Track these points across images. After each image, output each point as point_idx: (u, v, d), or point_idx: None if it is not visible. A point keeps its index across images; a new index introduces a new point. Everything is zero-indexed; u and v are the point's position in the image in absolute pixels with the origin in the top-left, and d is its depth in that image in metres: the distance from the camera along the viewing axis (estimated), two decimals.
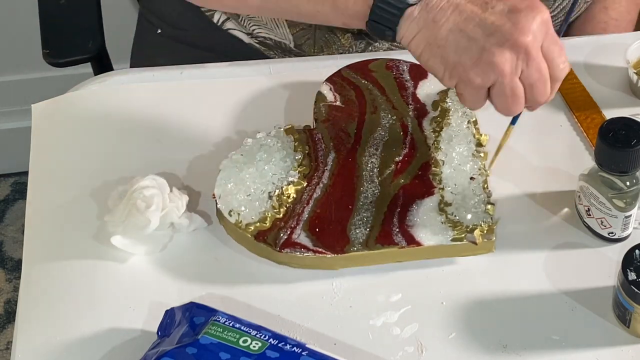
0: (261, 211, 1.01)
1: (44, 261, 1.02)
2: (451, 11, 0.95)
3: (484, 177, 1.03)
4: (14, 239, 2.09)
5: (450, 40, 0.95)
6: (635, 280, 0.92)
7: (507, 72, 0.94)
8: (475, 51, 0.94)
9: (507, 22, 0.94)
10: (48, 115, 1.15)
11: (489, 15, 0.94)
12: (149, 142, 1.11)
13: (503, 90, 0.95)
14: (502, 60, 0.93)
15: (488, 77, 0.94)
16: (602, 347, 0.94)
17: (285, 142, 1.06)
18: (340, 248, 0.98)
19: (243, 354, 0.87)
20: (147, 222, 0.99)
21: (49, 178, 1.09)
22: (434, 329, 0.96)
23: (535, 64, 0.94)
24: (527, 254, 1.01)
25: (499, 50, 0.93)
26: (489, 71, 0.94)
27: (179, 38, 1.31)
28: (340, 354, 0.91)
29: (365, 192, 1.03)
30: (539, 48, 0.94)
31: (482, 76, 0.94)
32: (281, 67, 1.19)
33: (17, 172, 2.19)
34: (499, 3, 0.95)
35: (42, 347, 0.95)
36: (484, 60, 0.94)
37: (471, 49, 0.94)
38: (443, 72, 0.96)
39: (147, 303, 0.98)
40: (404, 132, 1.08)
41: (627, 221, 1.00)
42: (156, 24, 1.34)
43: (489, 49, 0.93)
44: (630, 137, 0.96)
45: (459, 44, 0.94)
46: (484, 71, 0.94)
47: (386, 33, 0.98)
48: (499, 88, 0.95)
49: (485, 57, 0.94)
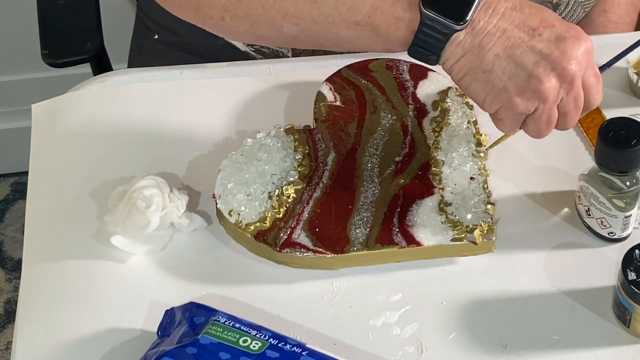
0: (261, 211, 1.01)
1: (44, 261, 1.02)
2: (498, 36, 0.94)
3: (483, 177, 1.03)
4: (14, 239, 2.09)
5: (497, 65, 0.94)
6: (635, 280, 0.92)
7: (551, 100, 0.95)
8: (522, 78, 0.94)
9: (555, 50, 0.93)
10: (48, 115, 1.15)
11: (536, 43, 0.94)
12: (149, 142, 1.11)
13: (540, 117, 0.96)
14: (549, 88, 0.94)
15: (532, 104, 0.95)
16: (602, 347, 0.94)
17: (285, 142, 1.06)
18: (340, 248, 0.98)
19: (243, 354, 0.87)
20: (147, 222, 0.99)
21: (49, 178, 1.09)
22: (434, 329, 0.96)
23: (574, 94, 0.95)
24: (527, 254, 1.01)
25: (547, 78, 0.93)
26: (534, 98, 0.94)
27: (175, 44, 1.31)
28: (340, 354, 0.91)
29: (365, 192, 1.03)
30: (581, 77, 0.95)
31: (527, 103, 0.95)
32: (281, 67, 1.19)
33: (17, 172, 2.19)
34: (546, 30, 0.94)
35: (42, 347, 0.95)
36: (531, 87, 0.94)
37: (518, 75, 0.94)
38: (484, 97, 0.96)
39: (147, 303, 0.98)
40: (404, 132, 1.08)
41: (627, 221, 1.00)
42: (153, 29, 1.34)
43: (537, 76, 0.93)
44: (630, 137, 0.96)
45: (505, 70, 0.94)
46: (529, 98, 0.94)
47: (430, 58, 0.96)
48: (537, 115, 0.96)
49: (533, 84, 0.94)
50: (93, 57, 1.39)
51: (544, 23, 0.94)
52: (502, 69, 0.94)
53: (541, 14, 0.95)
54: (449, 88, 1.11)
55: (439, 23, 0.93)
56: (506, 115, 0.97)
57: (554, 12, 0.98)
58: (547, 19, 0.95)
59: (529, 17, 0.95)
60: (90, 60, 1.39)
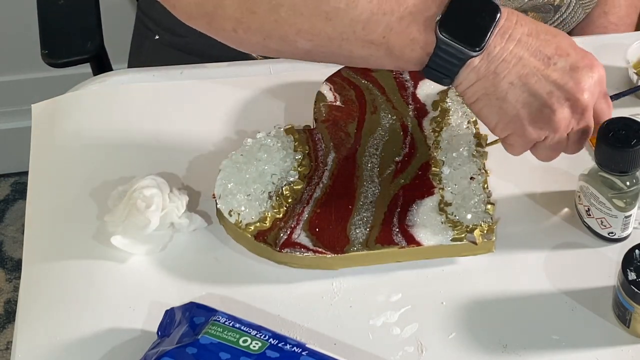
0: (261, 211, 1.01)
1: (44, 261, 1.02)
2: (514, 64, 0.93)
3: (484, 177, 1.03)
4: (14, 239, 2.09)
5: (511, 93, 0.94)
6: (635, 280, 0.92)
7: (562, 130, 0.96)
8: (535, 106, 0.94)
9: (569, 81, 0.94)
10: (48, 115, 1.15)
11: (551, 72, 0.94)
12: (149, 142, 1.11)
13: (550, 144, 0.97)
14: (561, 119, 0.94)
15: (544, 132, 0.96)
16: (602, 347, 0.94)
17: (285, 142, 1.06)
18: (340, 248, 0.98)
19: (243, 354, 0.87)
20: (147, 222, 0.99)
21: (49, 178, 1.09)
22: (434, 329, 0.96)
23: (584, 123, 0.96)
24: (527, 254, 1.01)
25: (560, 109, 0.94)
26: (546, 127, 0.95)
27: (176, 45, 1.31)
28: (340, 354, 0.91)
29: (365, 192, 1.03)
30: (592, 107, 0.96)
31: (539, 132, 0.96)
32: (281, 67, 1.19)
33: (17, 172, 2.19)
34: (561, 59, 0.94)
35: (42, 347, 0.95)
36: (544, 116, 0.94)
37: (532, 104, 0.94)
38: (496, 122, 0.96)
39: (147, 303, 0.98)
40: (404, 132, 1.08)
41: (627, 221, 1.00)
42: (153, 30, 1.34)
43: (550, 106, 0.94)
44: (630, 137, 0.96)
45: (519, 98, 0.94)
46: (541, 127, 0.95)
47: (444, 81, 0.95)
48: (547, 142, 0.97)
49: (546, 113, 0.94)
50: (93, 57, 1.39)
51: (559, 51, 0.94)
52: (516, 97, 0.94)
53: (556, 41, 0.95)
54: (448, 88, 1.11)
55: (454, 48, 0.92)
56: (516, 142, 0.98)
57: (564, 34, 0.98)
58: (562, 46, 0.95)
59: (545, 45, 0.94)
60: (90, 60, 1.39)
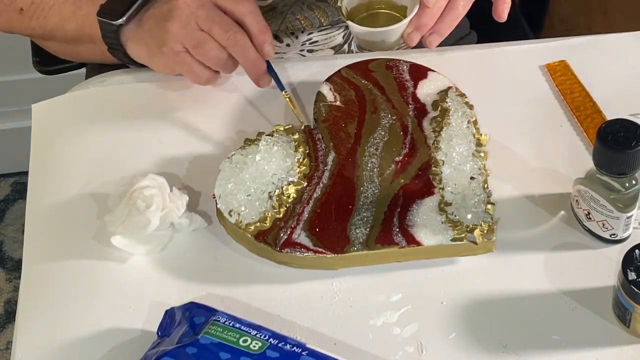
0: (261, 211, 1.01)
1: (44, 261, 1.02)
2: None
3: (484, 176, 1.03)
4: (14, 239, 2.09)
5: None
6: (635, 280, 0.92)
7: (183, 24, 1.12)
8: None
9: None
10: (48, 115, 1.15)
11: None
12: (149, 142, 1.11)
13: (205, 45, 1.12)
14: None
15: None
16: (602, 347, 0.94)
17: (285, 142, 1.06)
18: (341, 248, 0.98)
19: (243, 353, 0.87)
20: (147, 222, 0.99)
21: (49, 178, 1.09)
22: (434, 329, 0.96)
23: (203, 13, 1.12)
24: (527, 254, 1.01)
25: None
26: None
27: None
28: (340, 354, 0.91)
29: (366, 192, 1.03)
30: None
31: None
32: (281, 67, 1.19)
33: (17, 172, 2.19)
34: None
35: (42, 347, 0.95)
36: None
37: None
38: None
39: (147, 303, 0.98)
40: (404, 132, 1.08)
41: (628, 222, 1.00)
42: None
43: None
44: (629, 138, 0.95)
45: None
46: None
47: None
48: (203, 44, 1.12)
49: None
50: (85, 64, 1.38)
51: None
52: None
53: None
54: (449, 88, 1.12)
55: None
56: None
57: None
58: None
59: None
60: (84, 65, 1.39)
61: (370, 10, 1.13)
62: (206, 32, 1.09)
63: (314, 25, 1.25)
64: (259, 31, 1.10)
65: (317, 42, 1.27)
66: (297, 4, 1.22)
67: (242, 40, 1.09)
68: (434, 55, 1.19)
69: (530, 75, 1.17)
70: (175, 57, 1.11)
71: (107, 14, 1.14)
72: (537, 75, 1.18)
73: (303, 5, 1.23)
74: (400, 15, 1.11)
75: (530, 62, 1.19)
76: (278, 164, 1.04)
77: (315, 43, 1.28)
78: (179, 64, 1.12)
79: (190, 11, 1.09)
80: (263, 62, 1.11)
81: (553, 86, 1.16)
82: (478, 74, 1.18)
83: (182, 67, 1.12)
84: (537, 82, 1.17)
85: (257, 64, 1.11)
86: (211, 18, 1.09)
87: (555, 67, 1.17)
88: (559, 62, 1.18)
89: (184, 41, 1.10)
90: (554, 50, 1.20)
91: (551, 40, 1.22)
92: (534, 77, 1.17)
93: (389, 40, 1.07)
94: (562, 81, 1.16)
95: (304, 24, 1.25)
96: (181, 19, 1.09)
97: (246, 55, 1.10)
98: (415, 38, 1.07)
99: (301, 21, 1.25)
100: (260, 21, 1.10)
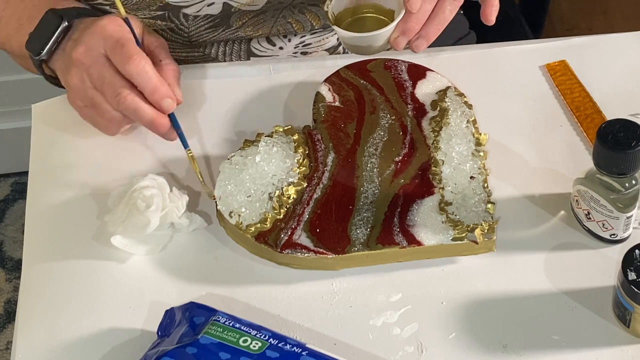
0: (261, 212, 1.01)
1: (44, 261, 1.02)
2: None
3: (483, 176, 1.03)
4: (14, 239, 2.09)
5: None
6: (635, 280, 0.92)
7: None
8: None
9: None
10: (48, 115, 1.15)
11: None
12: (149, 142, 1.11)
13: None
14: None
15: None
16: (602, 347, 0.94)
17: (285, 143, 1.06)
18: (341, 248, 0.98)
19: (243, 354, 0.87)
20: (147, 222, 0.99)
21: (49, 178, 1.09)
22: (434, 329, 0.96)
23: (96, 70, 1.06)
24: (527, 254, 1.01)
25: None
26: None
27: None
28: (340, 354, 0.91)
29: (366, 192, 1.03)
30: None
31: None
32: (281, 67, 1.19)
33: (17, 172, 2.19)
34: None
35: (42, 347, 0.95)
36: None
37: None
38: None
39: (147, 303, 0.98)
40: (403, 132, 1.08)
41: (628, 222, 1.00)
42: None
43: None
44: (629, 138, 0.95)
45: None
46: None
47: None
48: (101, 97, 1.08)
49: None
50: None
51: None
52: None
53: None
54: (447, 87, 1.12)
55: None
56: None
57: None
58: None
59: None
60: None
61: (357, 15, 1.13)
62: (99, 92, 1.05)
63: (306, 28, 1.25)
64: (151, 91, 1.03)
65: (310, 44, 1.27)
66: (289, 8, 1.22)
67: (133, 103, 1.03)
68: (433, 55, 1.19)
69: (530, 75, 1.17)
70: (79, 110, 1.08)
71: (31, 48, 1.10)
72: (537, 75, 1.18)
73: (294, 9, 1.22)
74: (388, 19, 1.11)
75: (530, 62, 1.19)
76: (278, 164, 1.04)
77: (309, 46, 1.27)
78: (84, 117, 1.09)
79: (84, 68, 1.05)
80: (163, 119, 1.05)
81: (553, 86, 1.16)
82: (477, 74, 1.18)
83: (88, 120, 1.09)
84: (537, 82, 1.17)
85: (155, 123, 1.04)
86: (102, 78, 1.04)
87: (555, 67, 1.17)
88: (559, 62, 1.18)
89: (82, 99, 1.07)
90: (554, 50, 1.20)
91: (551, 40, 1.22)
92: (534, 77, 1.17)
93: (375, 44, 1.07)
94: (562, 81, 1.16)
95: (295, 27, 1.24)
96: (78, 74, 1.05)
97: (140, 116, 1.04)
98: (401, 42, 1.06)
99: (293, 25, 1.24)
100: (152, 78, 1.03)
